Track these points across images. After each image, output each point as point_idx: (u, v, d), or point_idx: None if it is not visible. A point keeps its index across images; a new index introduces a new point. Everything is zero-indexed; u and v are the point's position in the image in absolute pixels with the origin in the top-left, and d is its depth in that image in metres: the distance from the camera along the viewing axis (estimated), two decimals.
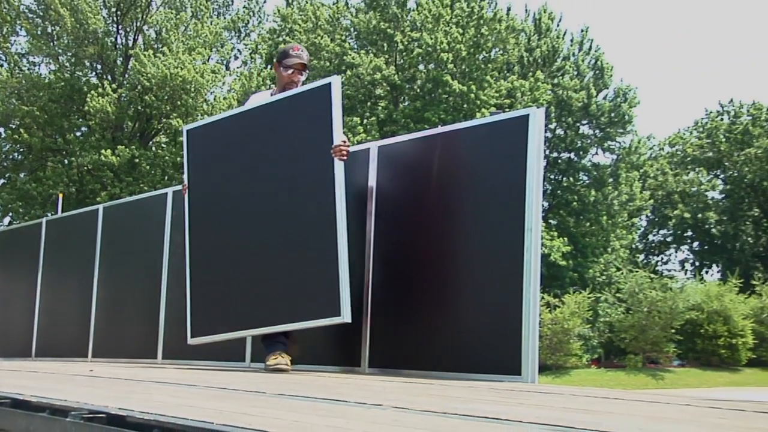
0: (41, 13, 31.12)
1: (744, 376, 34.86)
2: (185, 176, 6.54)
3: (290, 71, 6.07)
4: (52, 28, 31.16)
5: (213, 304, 6.26)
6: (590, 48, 42.17)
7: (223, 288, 6.21)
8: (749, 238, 54.75)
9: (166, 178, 29.03)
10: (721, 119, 56.46)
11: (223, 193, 6.33)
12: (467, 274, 5.39)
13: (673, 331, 36.08)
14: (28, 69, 32.29)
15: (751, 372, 35.07)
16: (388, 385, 4.38)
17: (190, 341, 6.31)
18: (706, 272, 55.92)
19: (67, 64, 32.12)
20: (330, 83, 5.59)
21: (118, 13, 31.79)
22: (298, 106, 5.81)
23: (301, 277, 5.64)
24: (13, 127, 31.38)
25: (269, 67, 36.41)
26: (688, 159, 56.49)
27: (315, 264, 5.55)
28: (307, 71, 6.20)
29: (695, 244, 57.49)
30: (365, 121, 33.14)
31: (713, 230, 54.80)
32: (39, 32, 31.39)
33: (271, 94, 6.25)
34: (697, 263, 57.50)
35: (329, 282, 5.33)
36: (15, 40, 32.56)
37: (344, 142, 5.51)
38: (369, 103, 35.38)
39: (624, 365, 36.37)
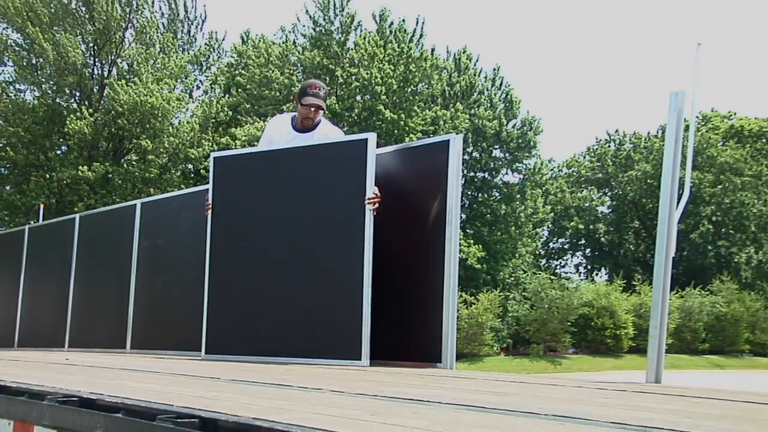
0: (27, 47, 30.75)
1: (626, 361, 35.52)
2: (209, 196, 6.14)
3: (307, 109, 5.75)
4: (36, 59, 30.77)
5: (230, 327, 5.85)
6: (501, 84, 42.66)
7: (241, 314, 5.83)
8: (631, 246, 55.87)
9: (135, 191, 28.67)
10: (609, 146, 57.57)
11: (250, 221, 5.94)
12: (395, 276, 5.38)
13: (569, 324, 36.64)
14: (15, 95, 31.76)
15: (631, 357, 35.76)
16: (327, 371, 4.36)
17: (204, 357, 5.94)
18: (596, 274, 56.94)
19: (50, 92, 31.71)
20: (367, 139, 5.28)
21: (95, 47, 31.42)
22: (334, 154, 5.48)
23: (323, 316, 5.31)
24: (1, 145, 30.98)
25: (227, 95, 36.19)
26: (582, 179, 57.46)
27: (338, 306, 5.22)
28: (323, 110, 5.88)
29: (587, 250, 58.46)
30: None
31: (602, 239, 55.79)
32: (24, 63, 31.04)
33: (292, 120, 5.91)
34: (588, 267, 58.46)
35: (352, 326, 5.02)
36: (3, 70, 32.09)
37: (376, 194, 5.17)
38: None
39: (528, 353, 36.79)
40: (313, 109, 5.73)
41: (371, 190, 5.18)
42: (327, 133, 5.82)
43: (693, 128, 4.13)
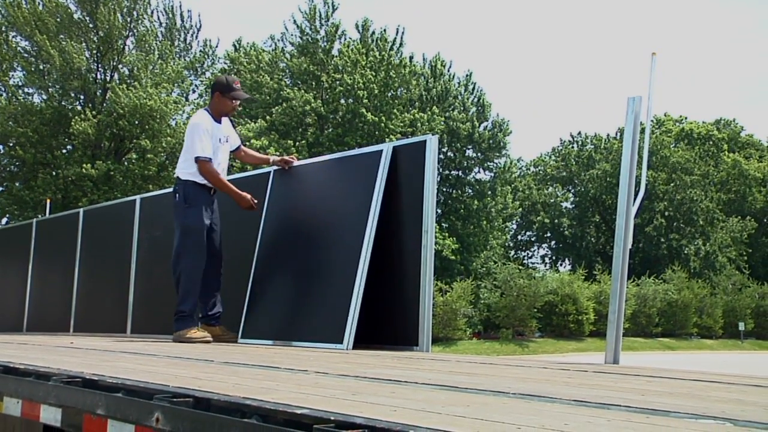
0: (35, 53, 30.48)
1: (587, 344, 35.76)
2: (267, 198, 6.10)
3: (235, 103, 5.85)
4: (44, 65, 30.51)
5: (261, 315, 5.83)
6: (474, 89, 42.73)
7: (269, 304, 5.84)
8: (592, 239, 56.22)
9: (135, 187, 28.46)
10: (572, 147, 57.88)
11: (285, 224, 5.98)
12: (376, 266, 5.37)
13: (535, 310, 36.83)
14: (24, 98, 31.45)
15: (592, 341, 36.01)
16: (313, 354, 4.34)
17: (240, 340, 5.88)
18: (560, 265, 57.27)
19: (56, 95, 31.44)
20: (382, 151, 5.25)
21: (98, 54, 31.17)
22: (350, 167, 5.48)
23: (314, 304, 5.33)
24: (11, 145, 30.74)
25: None
26: (548, 177, 57.73)
27: (328, 294, 5.21)
28: None
29: (552, 243, 58.77)
30: (297, 143, 32.95)
31: (566, 232, 56.10)
32: (33, 69, 30.76)
33: (209, 113, 5.80)
34: (553, 258, 58.79)
35: (339, 313, 4.97)
36: (13, 75, 31.75)
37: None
38: (300, 129, 35.16)
39: (498, 337, 36.94)
40: (238, 102, 5.94)
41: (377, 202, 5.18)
42: (227, 121, 6.03)
43: (648, 131, 4.15)
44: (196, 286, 5.66)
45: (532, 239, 59.10)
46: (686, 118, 62.60)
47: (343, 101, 35.79)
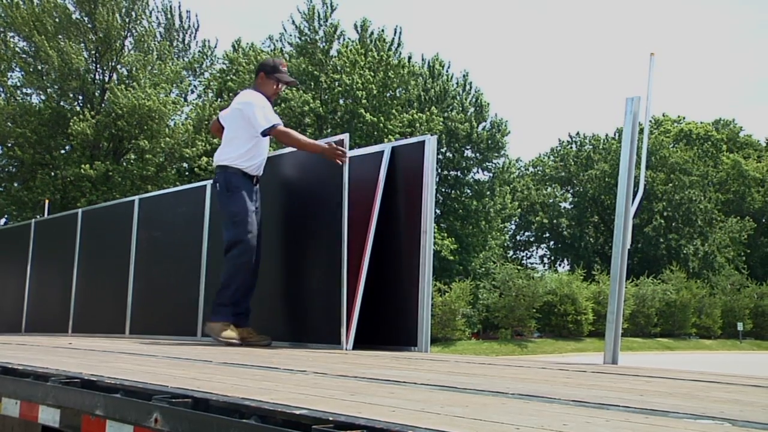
0: (33, 54, 30.44)
1: (586, 344, 35.77)
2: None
3: (280, 85, 5.43)
4: (42, 66, 30.47)
5: (260, 316, 5.63)
6: (471, 89, 42.71)
7: (268, 305, 5.73)
8: (591, 239, 56.22)
9: (134, 188, 28.44)
10: (571, 147, 57.89)
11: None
12: (375, 266, 5.36)
13: (534, 310, 36.83)
14: (22, 99, 31.43)
15: (591, 341, 36.01)
16: (311, 355, 4.34)
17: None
18: (559, 265, 57.28)
19: (54, 95, 31.42)
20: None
21: (97, 54, 31.16)
22: (349, 167, 5.14)
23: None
24: (9, 145, 30.68)
25: (219, 99, 35.99)
26: (546, 177, 57.74)
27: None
28: None
29: (551, 243, 58.77)
30: None
31: (564, 232, 56.11)
32: (31, 69, 30.73)
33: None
34: (552, 258, 58.79)
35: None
36: (11, 75, 31.71)
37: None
38: (299, 130, 35.07)
39: (497, 337, 36.94)
40: (283, 86, 5.54)
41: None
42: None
43: (647, 131, 4.16)
44: (244, 276, 5.19)
45: (531, 239, 59.11)
46: (685, 118, 62.67)
47: (341, 102, 35.78)
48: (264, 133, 5.20)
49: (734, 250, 53.93)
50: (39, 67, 30.69)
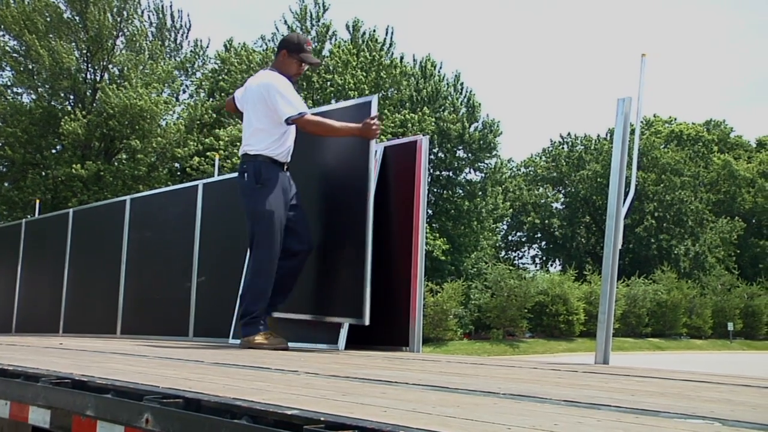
0: (24, 53, 30.31)
1: (577, 344, 35.85)
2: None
3: (304, 66, 4.99)
4: (33, 65, 30.34)
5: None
6: (463, 89, 42.72)
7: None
8: (582, 239, 56.35)
9: (125, 188, 28.35)
10: (562, 147, 58.01)
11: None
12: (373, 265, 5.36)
13: (526, 310, 36.87)
14: (12, 98, 31.30)
15: (582, 341, 36.10)
16: (303, 355, 4.34)
17: (230, 341, 5.80)
18: (551, 265, 57.38)
19: (45, 95, 31.30)
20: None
21: (88, 54, 31.05)
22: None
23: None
24: (0, 145, 30.59)
25: (211, 99, 35.92)
26: (538, 178, 57.84)
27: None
28: None
29: (543, 243, 58.87)
30: None
31: (556, 233, 56.22)
32: (21, 68, 30.60)
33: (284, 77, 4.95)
34: (544, 258, 58.89)
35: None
36: (1, 74, 31.61)
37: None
38: None
39: (489, 337, 36.97)
40: (306, 67, 5.07)
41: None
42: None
43: (638, 132, 4.17)
44: (269, 283, 4.80)
45: (523, 240, 59.21)
46: (676, 119, 62.90)
47: (334, 102, 35.75)
48: (289, 122, 4.79)
49: (725, 250, 54.16)
50: (30, 67, 30.57)
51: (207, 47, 37.32)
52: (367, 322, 4.58)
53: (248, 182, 4.82)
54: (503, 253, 56.09)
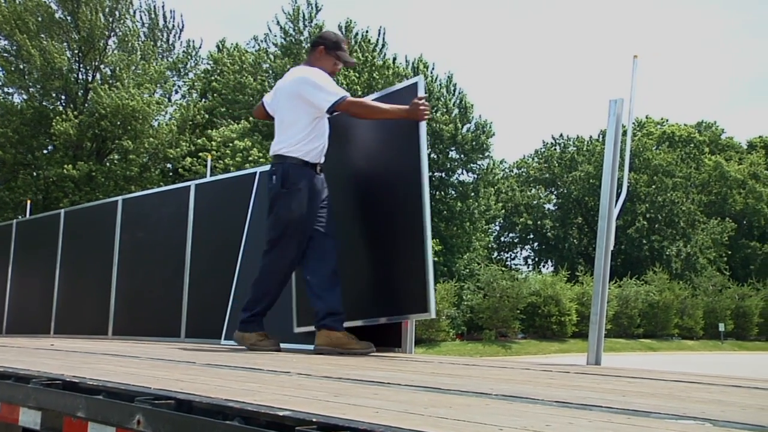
0: (15, 53, 30.22)
1: (569, 345, 35.91)
2: (252, 200, 5.82)
3: (339, 65, 4.77)
4: (24, 65, 30.25)
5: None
6: (455, 90, 42.75)
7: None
8: (575, 240, 56.46)
9: (117, 188, 28.30)
10: (555, 149, 58.12)
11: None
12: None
13: (518, 311, 36.91)
14: (3, 98, 31.19)
15: (575, 342, 36.16)
16: (296, 356, 4.34)
17: (222, 342, 5.71)
18: (543, 266, 57.44)
19: (37, 95, 31.19)
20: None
21: (80, 54, 30.96)
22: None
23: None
24: None
25: (203, 100, 35.85)
26: (531, 179, 57.93)
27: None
28: None
29: (535, 244, 58.96)
30: None
31: (548, 234, 56.31)
32: (12, 68, 30.50)
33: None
34: (536, 259, 58.98)
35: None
36: None
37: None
38: None
39: (481, 338, 36.98)
40: (340, 66, 4.84)
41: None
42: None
43: (630, 133, 4.18)
44: (275, 285, 4.68)
45: (515, 241, 59.28)
46: (668, 120, 63.12)
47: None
48: (331, 110, 4.51)
49: (716, 251, 54.36)
50: (21, 66, 30.48)
51: (199, 48, 37.29)
52: (433, 314, 4.30)
53: (275, 185, 4.60)
54: (496, 254, 56.13)
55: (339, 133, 4.83)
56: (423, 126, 4.44)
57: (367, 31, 37.38)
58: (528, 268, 56.51)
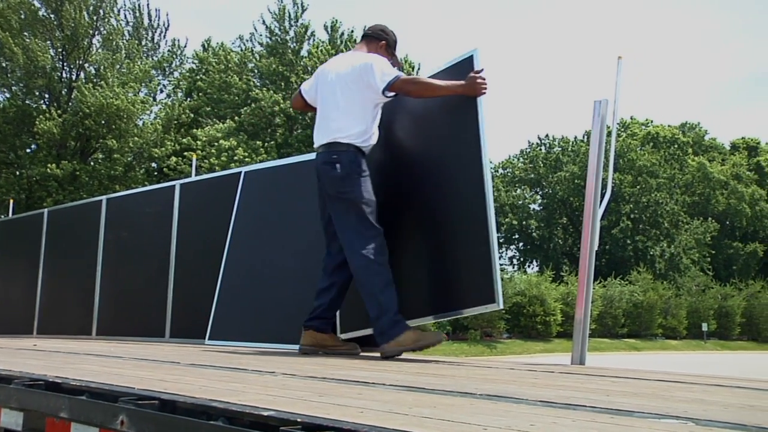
0: None
1: (554, 344, 36.04)
2: (237, 199, 5.86)
3: (391, 61, 4.58)
4: (7, 63, 29.95)
5: (230, 316, 5.68)
6: None
7: (240, 306, 5.67)
8: (560, 240, 56.68)
9: (102, 188, 28.12)
10: (540, 149, 58.33)
11: (256, 226, 5.75)
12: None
13: (503, 311, 36.96)
14: None
15: (559, 341, 36.28)
16: (281, 356, 4.33)
17: (207, 342, 5.71)
18: (528, 266, 57.64)
19: (20, 93, 30.91)
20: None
21: (64, 52, 30.74)
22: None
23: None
24: None
25: (189, 99, 35.72)
26: (516, 179, 58.10)
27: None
28: None
29: (520, 244, 59.12)
30: (266, 144, 32.82)
31: (534, 234, 56.49)
32: None
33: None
34: (521, 259, 59.16)
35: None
36: None
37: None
38: (269, 130, 35.00)
39: (466, 338, 37.03)
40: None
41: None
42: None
43: (614, 134, 4.20)
44: (389, 271, 4.22)
45: (501, 241, 59.33)
46: (652, 121, 63.48)
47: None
48: (385, 90, 4.30)
49: (699, 251, 54.73)
50: (3, 65, 30.19)
51: (185, 47, 37.20)
52: (501, 305, 3.95)
53: (340, 173, 4.26)
54: None
55: (387, 116, 4.59)
56: (481, 102, 4.18)
57: (352, 31, 37.37)
58: (513, 268, 56.74)
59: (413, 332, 4.12)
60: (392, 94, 4.34)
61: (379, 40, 4.65)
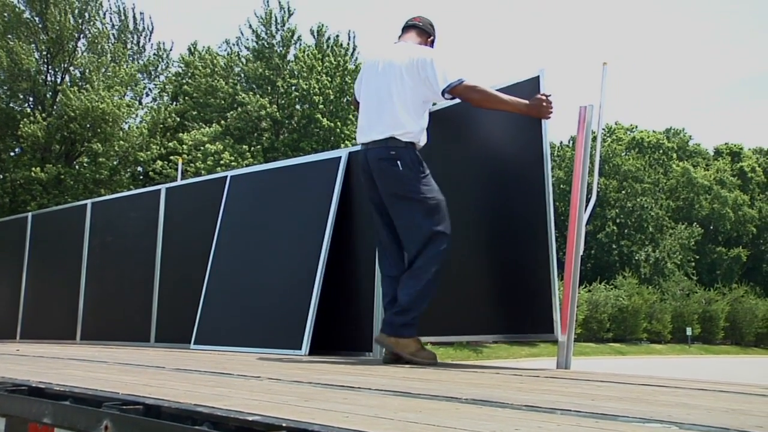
0: None
1: (540, 349, 36.09)
2: (223, 204, 5.88)
3: None
4: None
5: (216, 321, 5.70)
6: None
7: (224, 311, 5.70)
8: None
9: (87, 191, 27.94)
10: None
11: (244, 232, 5.77)
12: (333, 270, 5.36)
13: None
14: None
15: (545, 346, 36.29)
16: (266, 360, 4.32)
17: (192, 347, 5.68)
18: None
19: (3, 96, 30.68)
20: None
21: (49, 55, 30.55)
22: (306, 173, 4.47)
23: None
24: None
25: (175, 103, 35.63)
26: None
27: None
28: None
29: None
30: (252, 148, 32.76)
31: None
32: None
33: None
34: None
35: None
36: None
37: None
38: (255, 134, 34.94)
39: (452, 342, 37.02)
40: None
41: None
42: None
43: (600, 139, 4.22)
44: (439, 280, 4.03)
45: None
46: (637, 127, 63.83)
47: (298, 106, 35.65)
48: (446, 93, 4.02)
49: (683, 256, 55.06)
50: None
51: (170, 50, 37.04)
52: (559, 337, 3.85)
53: (404, 171, 3.99)
54: None
55: (448, 127, 4.43)
56: (546, 125, 4.10)
57: (338, 36, 37.40)
58: None
59: (416, 343, 4.06)
60: (451, 97, 4.09)
61: (427, 36, 4.36)
